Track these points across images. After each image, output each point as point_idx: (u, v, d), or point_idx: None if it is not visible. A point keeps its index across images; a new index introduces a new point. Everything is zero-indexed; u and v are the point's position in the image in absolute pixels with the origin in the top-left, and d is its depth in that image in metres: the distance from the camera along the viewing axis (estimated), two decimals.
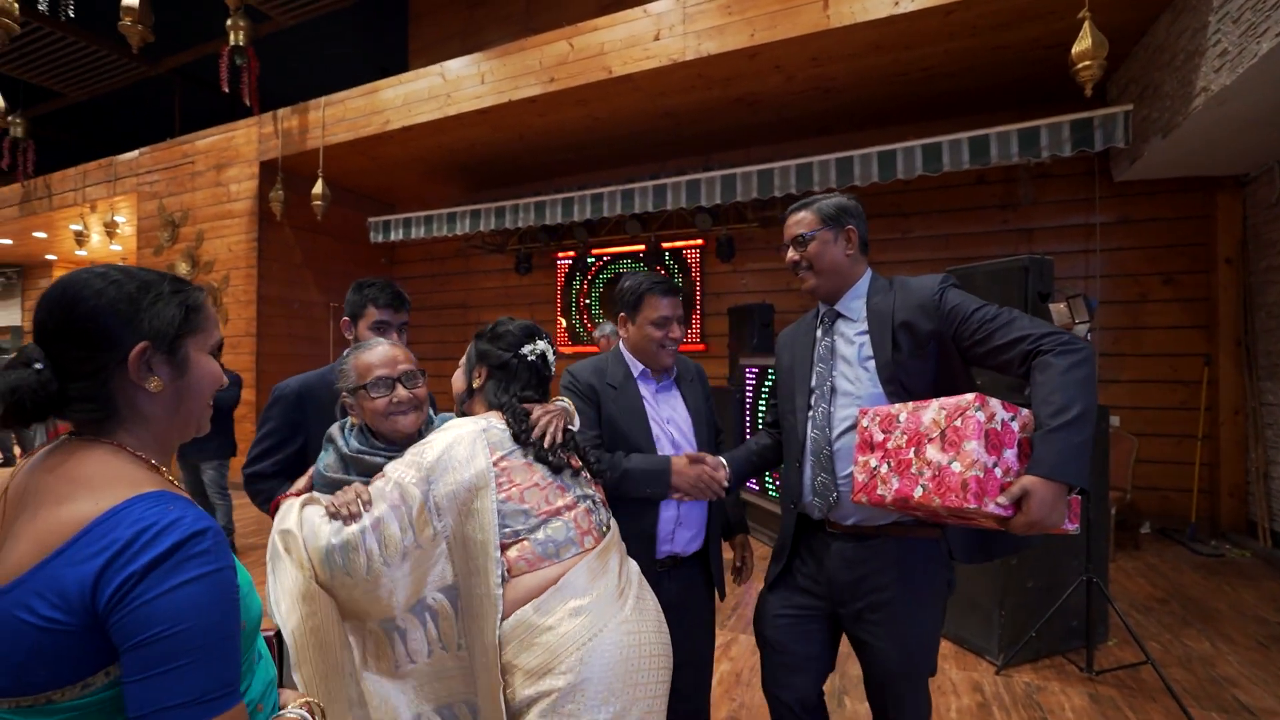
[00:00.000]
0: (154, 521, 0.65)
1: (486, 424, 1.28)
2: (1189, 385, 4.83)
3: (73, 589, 0.62)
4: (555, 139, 5.89)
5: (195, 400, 0.80)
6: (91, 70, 8.49)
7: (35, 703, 0.63)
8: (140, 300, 0.75)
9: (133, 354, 0.72)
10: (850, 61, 4.45)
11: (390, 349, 1.39)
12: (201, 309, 0.81)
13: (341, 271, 7.49)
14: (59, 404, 0.73)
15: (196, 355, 0.79)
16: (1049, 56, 4.33)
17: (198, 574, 0.65)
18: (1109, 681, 2.67)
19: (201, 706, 0.62)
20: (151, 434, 0.77)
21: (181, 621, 0.63)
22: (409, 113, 5.61)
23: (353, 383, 1.36)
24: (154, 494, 0.69)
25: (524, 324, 1.46)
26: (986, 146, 4.10)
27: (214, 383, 0.82)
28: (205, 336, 0.81)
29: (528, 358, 1.41)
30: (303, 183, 6.52)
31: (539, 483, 1.25)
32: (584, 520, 1.26)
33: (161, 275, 0.80)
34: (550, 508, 1.24)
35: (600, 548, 1.24)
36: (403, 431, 1.34)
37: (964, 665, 2.85)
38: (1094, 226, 5.04)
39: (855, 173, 4.42)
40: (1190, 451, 4.80)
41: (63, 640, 0.63)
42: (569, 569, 1.18)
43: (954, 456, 1.13)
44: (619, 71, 4.68)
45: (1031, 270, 2.91)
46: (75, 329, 0.72)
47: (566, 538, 1.22)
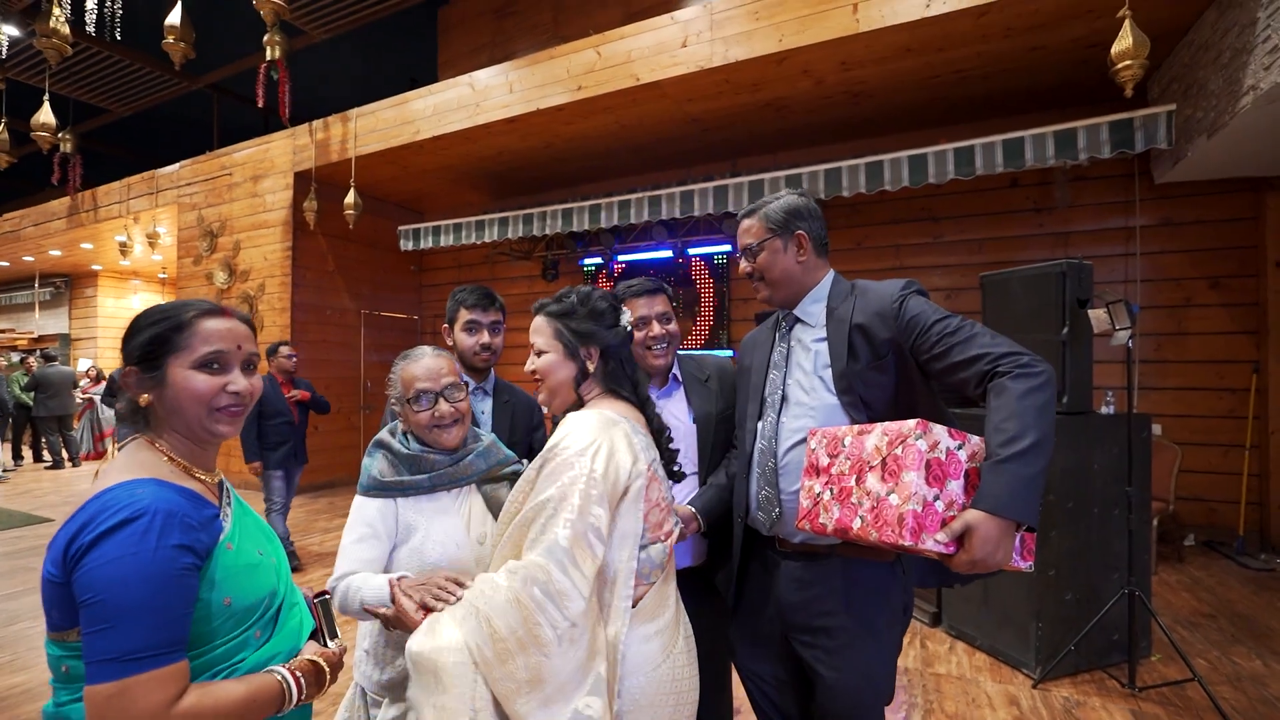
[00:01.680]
0: (112, 503, 0.79)
1: (629, 425, 1.19)
2: (1236, 393, 4.66)
3: (59, 551, 0.78)
4: (582, 146, 5.94)
5: (186, 409, 0.91)
6: (136, 86, 8.81)
7: (61, 638, 0.81)
8: (131, 332, 0.93)
9: (122, 377, 0.93)
10: (880, 65, 4.41)
11: (434, 360, 1.41)
12: (184, 329, 0.92)
13: (372, 279, 7.64)
14: (130, 413, 0.95)
15: (176, 371, 0.91)
16: (1087, 57, 4.23)
17: (129, 551, 0.76)
18: (1152, 698, 2.58)
19: (126, 663, 0.74)
20: (172, 436, 0.93)
21: (111, 588, 0.74)
22: (438, 122, 5.71)
23: (399, 395, 1.40)
24: (138, 480, 0.83)
25: (601, 292, 1.32)
26: (1021, 149, 4.01)
27: (196, 394, 0.91)
28: (186, 353, 0.91)
29: (627, 330, 1.31)
30: (335, 192, 6.68)
31: (660, 502, 1.18)
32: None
33: (154, 309, 0.95)
34: (661, 531, 1.19)
35: (668, 571, 1.21)
36: (446, 445, 1.37)
37: (999, 678, 2.78)
38: (1134, 229, 4.90)
39: (885, 177, 4.37)
40: (1238, 461, 4.63)
41: (60, 591, 0.78)
42: (646, 593, 1.13)
43: (892, 487, 1.06)
44: (646, 79, 4.70)
45: (1070, 275, 2.84)
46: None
47: (659, 562, 1.16)
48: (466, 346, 1.89)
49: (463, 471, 1.38)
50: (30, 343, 12.81)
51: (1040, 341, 2.94)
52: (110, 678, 0.73)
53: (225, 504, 0.95)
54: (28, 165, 11.11)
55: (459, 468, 1.38)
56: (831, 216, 5.92)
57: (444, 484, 1.37)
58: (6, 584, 4.08)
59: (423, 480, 1.35)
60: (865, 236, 5.82)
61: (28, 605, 3.70)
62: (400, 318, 8.06)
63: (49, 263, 11.41)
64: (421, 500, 1.35)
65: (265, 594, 0.92)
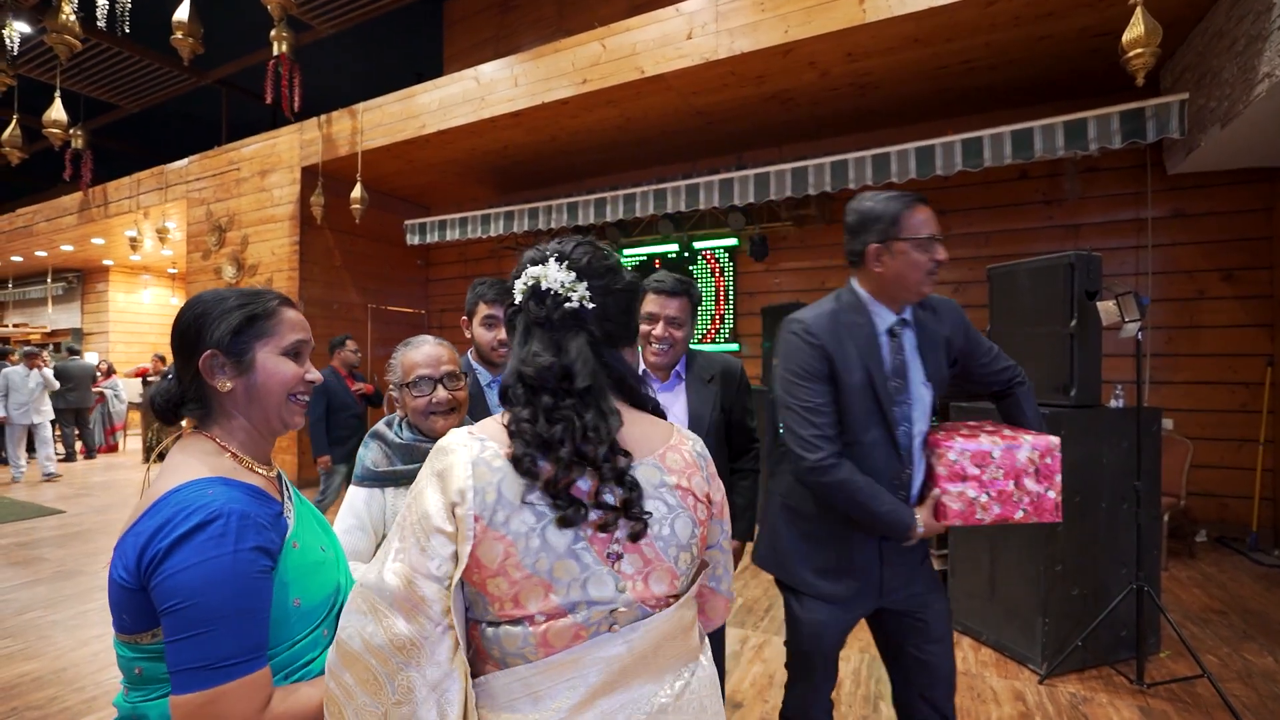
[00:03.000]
0: (186, 505, 0.77)
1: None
2: (1250, 387, 4.60)
3: (131, 556, 0.76)
4: (587, 140, 5.92)
5: (268, 397, 0.90)
6: (145, 82, 8.87)
7: (133, 640, 0.79)
8: (209, 315, 0.89)
9: (200, 359, 0.87)
10: (887, 56, 4.36)
11: (435, 348, 1.42)
12: (270, 316, 0.92)
13: (378, 273, 7.67)
14: (181, 405, 0.91)
15: (264, 357, 0.90)
16: (1097, 46, 4.17)
17: (209, 556, 0.74)
18: (1161, 695, 2.56)
19: (214, 671, 0.72)
20: (238, 428, 0.90)
21: (194, 596, 0.73)
22: (444, 116, 5.71)
23: (399, 379, 1.40)
24: (206, 480, 0.81)
25: (541, 247, 0.96)
26: (1030, 140, 3.97)
27: (284, 381, 0.91)
28: (274, 339, 0.91)
29: (518, 300, 0.93)
30: (342, 187, 6.70)
31: (509, 569, 0.93)
32: None
33: (233, 291, 0.93)
34: (519, 610, 1.05)
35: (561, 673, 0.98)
36: (439, 432, 1.36)
37: (1005, 673, 2.76)
38: (1145, 221, 4.84)
39: (892, 169, 4.33)
40: (1251, 457, 4.56)
41: (133, 596, 0.77)
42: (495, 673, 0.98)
43: (1049, 486, 1.42)
44: (651, 71, 4.68)
45: (1078, 267, 2.81)
46: (177, 343, 0.91)
47: (517, 651, 1.04)
48: (485, 341, 1.87)
49: None
50: (43, 337, 12.96)
51: (1048, 334, 2.91)
52: (200, 686, 0.72)
53: (286, 499, 0.94)
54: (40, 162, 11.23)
55: None
56: (838, 209, 5.87)
57: None
58: (19, 574, 4.14)
59: (413, 471, 1.34)
60: None
61: (40, 595, 3.75)
62: (407, 312, 8.08)
63: (61, 258, 11.53)
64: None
65: (331, 591, 0.90)
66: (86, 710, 2.50)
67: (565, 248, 0.88)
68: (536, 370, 0.81)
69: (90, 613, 3.48)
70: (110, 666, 2.86)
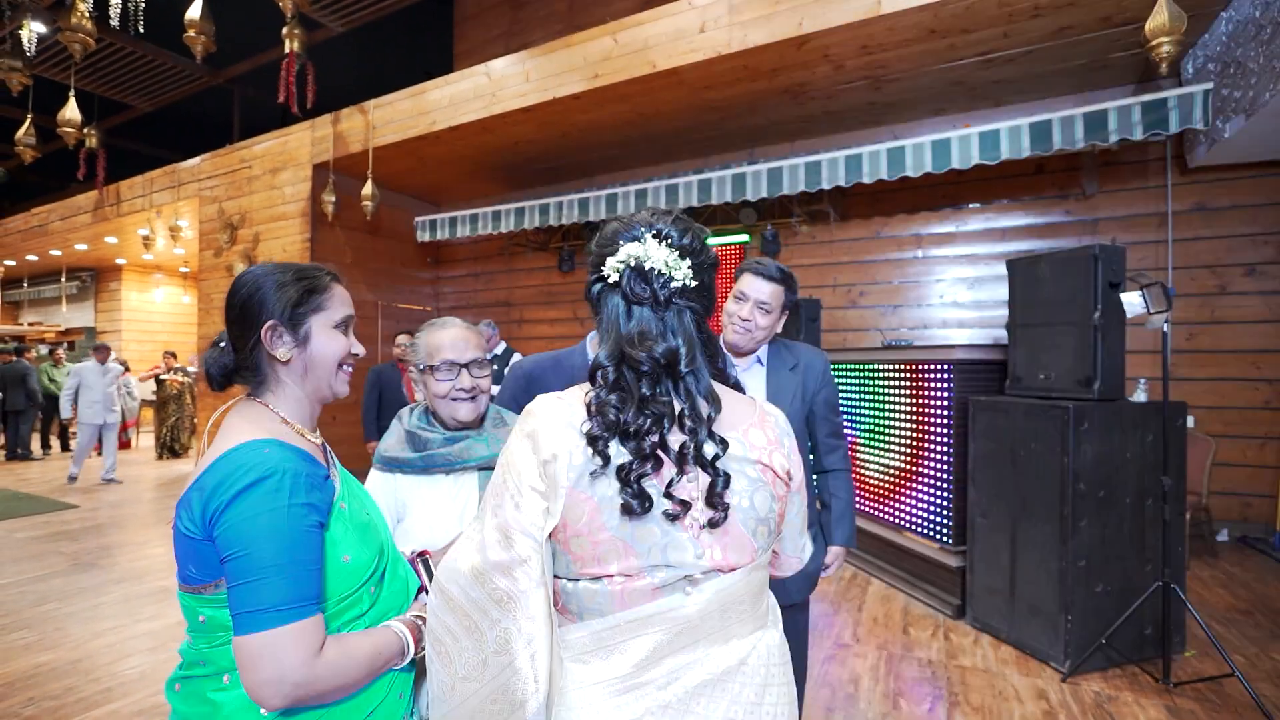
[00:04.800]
0: (245, 462, 0.82)
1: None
2: (1274, 384, 4.51)
3: (196, 509, 0.81)
4: (598, 135, 5.90)
5: (321, 367, 0.96)
6: (158, 81, 8.93)
7: (199, 590, 0.84)
8: (268, 287, 0.93)
9: (263, 329, 0.92)
10: (902, 48, 4.31)
11: (462, 331, 1.38)
12: (325, 291, 0.96)
13: (390, 271, 7.68)
14: (234, 373, 0.96)
15: (320, 329, 0.95)
16: (1118, 37, 4.10)
17: (267, 508, 0.79)
18: (1187, 694, 2.50)
19: (274, 614, 0.77)
20: (290, 397, 0.95)
21: (253, 545, 0.78)
22: (455, 113, 5.70)
23: (422, 361, 1.36)
24: (263, 440, 0.85)
25: (625, 219, 0.93)
26: (1049, 132, 3.91)
27: (337, 353, 0.97)
28: (327, 313, 0.96)
29: (611, 278, 0.90)
30: (353, 184, 6.70)
31: (590, 530, 0.91)
32: None
33: (289, 265, 0.97)
34: (600, 568, 1.08)
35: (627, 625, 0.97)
36: (459, 420, 1.33)
37: (1027, 671, 2.71)
38: (1166, 215, 4.76)
39: (908, 162, 4.28)
40: (1275, 455, 4.48)
41: (198, 546, 0.82)
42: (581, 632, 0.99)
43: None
44: (663, 65, 4.64)
45: (1102, 258, 2.76)
46: (234, 314, 0.94)
47: (597, 608, 1.06)
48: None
49: (458, 454, 1.29)
50: (57, 335, 13.09)
51: (1071, 326, 2.86)
52: (261, 627, 0.76)
53: (332, 465, 0.99)
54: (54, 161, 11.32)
55: (454, 449, 1.29)
56: (850, 205, 5.83)
57: (438, 465, 1.30)
58: (35, 567, 4.16)
59: (415, 459, 1.31)
60: (884, 225, 5.72)
61: (56, 587, 3.76)
62: (417, 309, 8.09)
63: (75, 257, 11.63)
64: (420, 480, 1.30)
65: (376, 552, 0.95)
66: (103, 700, 2.50)
67: (663, 225, 0.86)
68: (648, 354, 0.81)
69: (105, 605, 3.49)
70: (125, 657, 2.86)
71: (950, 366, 3.40)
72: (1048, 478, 2.78)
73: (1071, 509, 2.67)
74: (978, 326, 5.33)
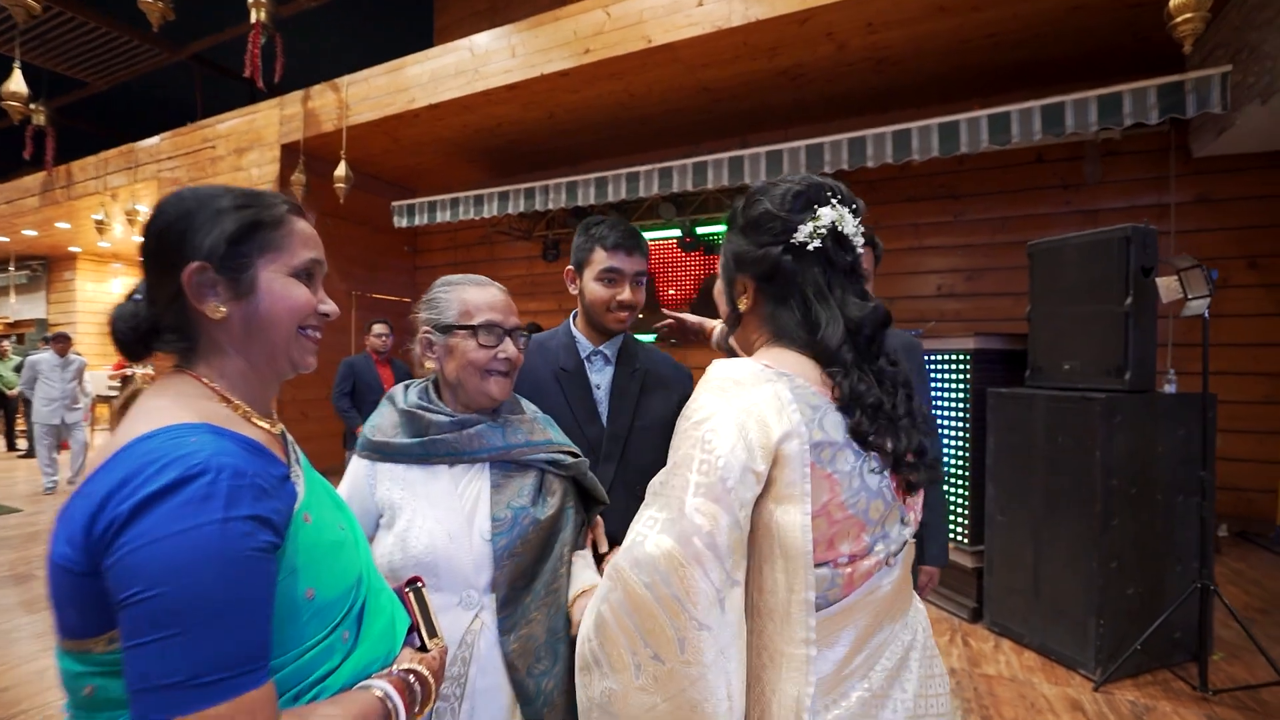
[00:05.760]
0: (158, 456, 0.55)
1: (789, 384, 0.75)
2: (1275, 378, 4.47)
3: (79, 525, 0.55)
4: (586, 117, 5.64)
5: (273, 328, 0.70)
6: (113, 56, 8.40)
7: (79, 648, 0.57)
8: (196, 215, 0.67)
9: (186, 274, 0.66)
10: (909, 27, 4.14)
11: (501, 293, 1.15)
12: (278, 224, 0.71)
13: (364, 259, 7.33)
14: (152, 334, 0.70)
15: (270, 277, 0.69)
16: (1130, 19, 3.99)
17: (188, 525, 0.52)
18: (1227, 702, 2.36)
19: (197, 690, 0.50)
20: (233, 368, 0.70)
21: (165, 581, 0.51)
22: (435, 90, 5.38)
23: (451, 319, 1.10)
24: (188, 425, 0.60)
25: (786, 187, 0.84)
26: (1061, 115, 3.75)
27: (294, 308, 0.71)
28: (283, 256, 0.71)
29: (811, 245, 0.81)
30: (325, 167, 6.33)
31: (836, 509, 0.79)
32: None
33: (232, 189, 0.71)
34: (833, 552, 0.83)
35: (852, 606, 0.88)
36: (492, 397, 1.11)
37: (1055, 679, 2.55)
38: (1168, 206, 4.68)
39: (914, 146, 4.11)
40: (1275, 449, 4.43)
41: (80, 583, 0.55)
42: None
43: None
44: (659, 41, 4.40)
45: (1134, 241, 2.61)
46: (149, 249, 0.69)
47: (828, 598, 0.83)
48: (600, 299, 1.43)
49: (465, 442, 1.07)
50: (5, 328, 12.37)
51: (1099, 314, 2.70)
52: (173, 712, 0.50)
53: (294, 461, 0.73)
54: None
55: (462, 436, 1.07)
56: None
57: (440, 454, 1.07)
58: None
59: (413, 445, 1.07)
60: (883, 215, 5.56)
61: None
62: (393, 300, 7.74)
63: (24, 244, 10.96)
64: (414, 473, 1.07)
65: (352, 582, 0.71)
66: None
67: (840, 187, 0.84)
68: (873, 319, 0.79)
69: (41, 623, 3.15)
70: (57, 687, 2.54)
71: (967, 357, 3.23)
72: (1077, 473, 2.62)
73: (1103, 506, 2.51)
74: (975, 318, 5.21)
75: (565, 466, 1.15)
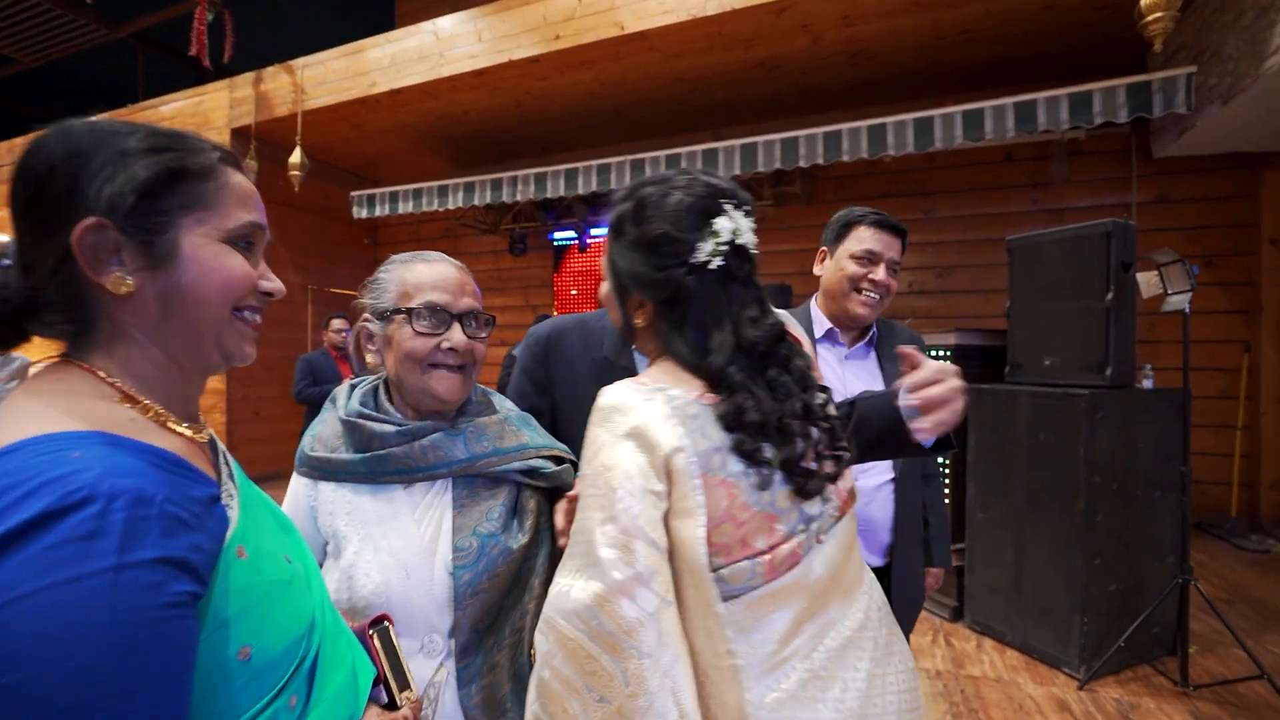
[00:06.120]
0: (24, 478, 0.41)
1: (669, 397, 0.75)
2: (1228, 373, 4.60)
3: None
4: (555, 107, 5.47)
5: (200, 309, 0.54)
6: (44, 32, 7.83)
7: None
8: (92, 156, 0.51)
9: (75, 234, 0.49)
10: (884, 21, 4.11)
11: (454, 270, 0.96)
12: (207, 175, 0.55)
13: (319, 251, 7.00)
14: (27, 314, 0.53)
15: (196, 242, 0.54)
16: (1098, 21, 4.04)
17: (70, 574, 0.38)
18: (1207, 697, 2.37)
19: None
20: (143, 358, 0.54)
21: (32, 658, 0.36)
22: (397, 74, 5.14)
23: (389, 302, 0.93)
24: (70, 436, 0.45)
25: (679, 198, 0.78)
26: (1033, 112, 3.78)
27: (230, 285, 0.56)
28: (214, 216, 0.55)
29: (713, 264, 0.77)
30: (278, 153, 6.00)
31: (736, 511, 0.79)
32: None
33: (144, 126, 0.55)
34: (747, 550, 0.81)
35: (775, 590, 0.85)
36: (441, 398, 0.92)
37: (1039, 678, 2.53)
38: (1129, 206, 4.77)
39: (889, 140, 4.08)
40: (1229, 443, 4.56)
41: None
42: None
43: None
44: (632, 28, 4.28)
45: (1115, 236, 2.60)
46: (22, 199, 0.51)
47: (746, 584, 0.81)
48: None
49: (418, 457, 0.89)
50: None
51: (1079, 309, 2.69)
52: None
53: (226, 477, 0.58)
54: None
55: (413, 449, 0.89)
56: (818, 190, 5.64)
57: (389, 472, 0.89)
58: None
59: (356, 462, 0.89)
60: None
61: None
62: (352, 294, 7.41)
63: None
64: (363, 496, 0.90)
65: (302, 631, 0.56)
66: None
67: (731, 187, 0.80)
68: (767, 334, 0.77)
69: None
70: None
71: (949, 353, 3.21)
72: (1059, 469, 2.60)
73: (1086, 503, 2.49)
74: (946, 315, 5.24)
75: (545, 476, 0.97)
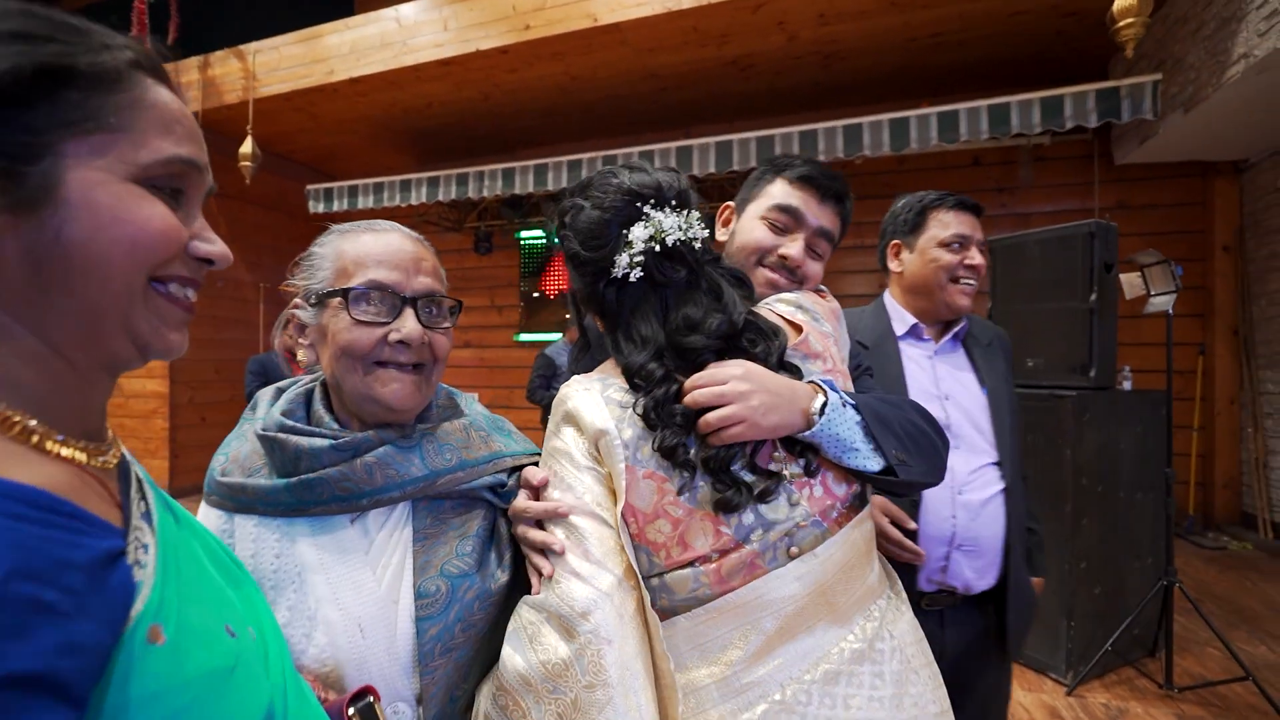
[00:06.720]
0: None
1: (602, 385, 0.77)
2: (1183, 375, 4.73)
3: None
4: (523, 100, 5.30)
5: (95, 277, 0.38)
6: None
7: None
8: None
9: None
10: (860, 21, 4.09)
11: (407, 242, 0.75)
12: (107, 82, 0.39)
13: (272, 247, 6.66)
14: None
15: (86, 178, 0.38)
16: (1064, 28, 4.11)
17: None
18: (1191, 699, 2.36)
19: None
20: (6, 348, 0.38)
21: None
22: (357, 63, 4.90)
23: (323, 282, 0.73)
24: None
25: (602, 195, 0.77)
26: (1007, 115, 3.81)
27: (143, 242, 0.39)
28: (119, 145, 0.39)
29: (632, 275, 0.75)
30: (228, 144, 5.66)
31: (666, 509, 0.74)
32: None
33: (15, 4, 0.38)
34: (681, 557, 0.72)
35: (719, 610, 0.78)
36: (389, 405, 0.72)
37: (1027, 685, 2.49)
38: (1092, 211, 4.87)
39: (865, 141, 4.06)
40: (1185, 443, 4.69)
41: None
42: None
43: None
44: (605, 20, 4.15)
45: (1098, 236, 2.59)
46: None
47: (687, 594, 0.72)
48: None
49: (362, 477, 0.69)
50: None
51: (1062, 310, 2.68)
52: None
53: (140, 518, 0.42)
54: None
55: (355, 468, 0.69)
56: None
57: (323, 501, 0.69)
58: None
59: (278, 489, 0.69)
60: None
61: None
62: None
63: None
64: (297, 530, 0.70)
65: (259, 710, 0.41)
66: None
67: (655, 187, 0.77)
68: (709, 336, 0.72)
69: None
70: None
71: None
72: (1046, 472, 2.57)
73: (1074, 506, 2.47)
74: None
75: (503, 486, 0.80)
